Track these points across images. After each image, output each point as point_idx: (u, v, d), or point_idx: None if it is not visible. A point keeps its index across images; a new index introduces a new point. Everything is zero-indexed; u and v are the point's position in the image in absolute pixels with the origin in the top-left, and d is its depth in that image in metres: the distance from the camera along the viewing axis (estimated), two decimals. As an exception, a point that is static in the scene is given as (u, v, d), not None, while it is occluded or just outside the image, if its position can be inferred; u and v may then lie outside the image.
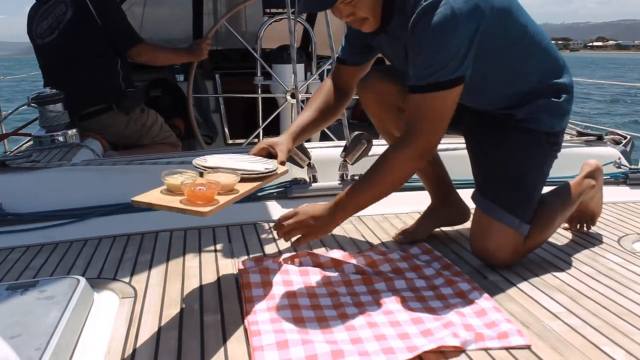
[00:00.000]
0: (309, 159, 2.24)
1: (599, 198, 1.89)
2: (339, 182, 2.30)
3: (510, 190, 1.58)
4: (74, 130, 2.78)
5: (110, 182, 2.27)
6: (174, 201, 1.25)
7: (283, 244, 1.79)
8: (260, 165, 1.51)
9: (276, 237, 1.84)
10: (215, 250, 1.75)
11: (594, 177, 1.82)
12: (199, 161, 1.47)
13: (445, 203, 1.90)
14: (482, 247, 1.60)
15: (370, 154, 2.28)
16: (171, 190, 1.32)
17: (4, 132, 3.58)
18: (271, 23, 3.44)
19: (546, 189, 2.33)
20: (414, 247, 1.75)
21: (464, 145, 2.31)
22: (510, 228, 1.56)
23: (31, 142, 2.92)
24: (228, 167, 1.44)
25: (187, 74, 3.44)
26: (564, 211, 1.72)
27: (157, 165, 2.31)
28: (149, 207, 1.28)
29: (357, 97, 3.47)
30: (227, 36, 5.28)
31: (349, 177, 2.31)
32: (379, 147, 2.35)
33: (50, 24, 3.03)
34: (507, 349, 1.17)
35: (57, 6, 3.04)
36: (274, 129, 3.63)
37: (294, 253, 1.67)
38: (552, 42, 1.71)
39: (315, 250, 1.70)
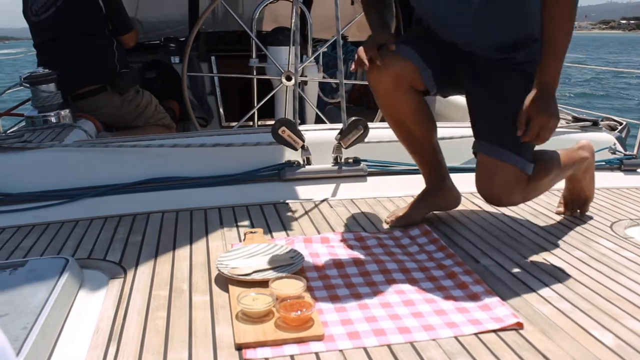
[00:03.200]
0: (303, 141, 2.23)
1: (590, 179, 1.92)
2: (333, 164, 2.29)
3: (515, 131, 1.61)
4: (67, 111, 2.75)
5: (103, 163, 2.25)
6: (279, 332, 1.15)
7: (275, 227, 1.78)
8: (282, 253, 1.49)
9: (268, 219, 1.84)
10: (207, 232, 1.74)
11: (587, 151, 1.88)
12: (230, 271, 1.39)
13: (439, 188, 1.89)
14: (490, 189, 1.67)
15: (365, 140, 2.28)
16: (249, 315, 1.20)
17: (-3, 112, 3.54)
18: (266, 5, 3.40)
19: None
20: (414, 228, 1.75)
21: (458, 133, 2.31)
22: (516, 167, 1.63)
23: (24, 123, 2.90)
24: (262, 266, 1.41)
25: (182, 55, 3.42)
26: (562, 165, 1.78)
27: (149, 148, 2.30)
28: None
29: (353, 82, 3.42)
30: (223, 18, 5.24)
31: (342, 160, 2.29)
32: (375, 130, 2.35)
33: (45, 1, 3.00)
34: (500, 331, 1.17)
35: None
36: (269, 111, 3.61)
37: (287, 238, 1.66)
38: (624, 21, 1.79)
39: (310, 235, 1.70)
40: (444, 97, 2.04)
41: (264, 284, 1.31)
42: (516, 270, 1.48)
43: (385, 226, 1.80)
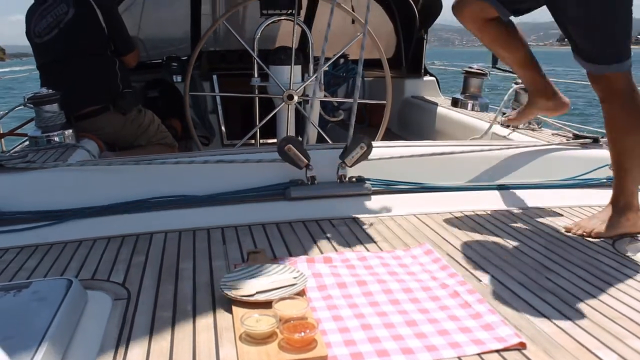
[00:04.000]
0: (308, 160, 2.24)
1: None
2: (337, 183, 2.30)
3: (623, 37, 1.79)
4: (70, 131, 2.78)
5: (106, 183, 2.26)
6: (283, 354, 1.15)
7: (278, 247, 1.79)
8: (285, 274, 1.49)
9: (270, 239, 1.85)
10: (210, 252, 1.75)
11: None
12: (233, 292, 1.39)
13: (545, 93, 2.23)
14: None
15: (369, 157, 2.29)
16: (253, 337, 1.21)
17: (1, 131, 3.58)
18: (268, 24, 3.44)
19: (545, 191, 2.36)
20: (416, 247, 1.76)
21: (459, 150, 2.38)
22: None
23: (27, 142, 2.92)
24: (265, 286, 1.41)
25: (185, 74, 3.45)
26: None
27: (152, 166, 2.31)
28: None
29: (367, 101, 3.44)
30: (225, 37, 5.29)
31: (346, 179, 2.30)
32: (378, 149, 2.37)
33: (49, 22, 3.04)
34: (503, 351, 1.17)
35: (58, 5, 3.05)
36: (270, 130, 3.63)
37: (290, 258, 1.67)
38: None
39: (313, 255, 1.71)
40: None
41: (267, 304, 1.31)
42: (518, 288, 1.48)
43: (387, 246, 1.81)
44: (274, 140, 3.65)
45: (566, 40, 1.93)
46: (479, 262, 1.65)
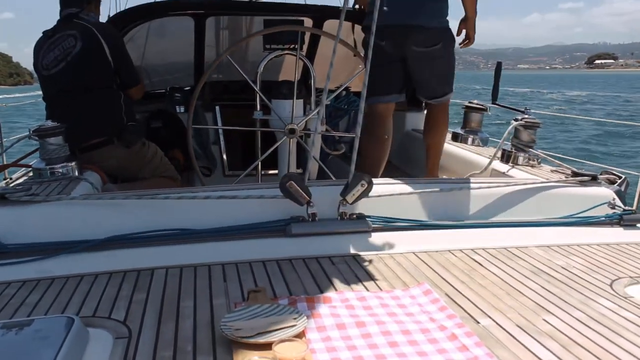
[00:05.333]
0: (309, 197, 2.26)
1: None
2: (337, 220, 2.32)
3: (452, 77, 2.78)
4: (74, 164, 2.80)
5: (108, 217, 2.29)
6: None
7: (278, 285, 1.80)
8: (285, 315, 1.51)
9: (271, 276, 1.86)
10: (210, 290, 1.76)
11: None
12: (234, 333, 1.40)
13: None
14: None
15: (370, 194, 2.31)
16: None
17: (5, 161, 3.61)
18: (271, 59, 3.49)
19: (543, 229, 2.38)
20: (415, 287, 1.77)
21: (458, 187, 2.43)
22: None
23: (31, 173, 2.94)
24: (265, 327, 1.42)
25: (188, 106, 3.49)
26: None
27: (155, 200, 2.33)
28: None
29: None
30: (228, 68, 5.35)
31: (347, 216, 2.32)
32: (378, 186, 2.39)
33: (56, 55, 3.09)
34: None
35: (66, 39, 3.11)
36: (272, 162, 3.66)
37: (290, 296, 1.68)
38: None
39: (313, 294, 1.72)
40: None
41: (267, 346, 1.32)
42: (516, 331, 1.49)
43: (387, 285, 1.82)
44: (275, 172, 3.68)
45: (594, 62, 2.13)
46: (478, 303, 1.67)
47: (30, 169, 2.98)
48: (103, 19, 3.65)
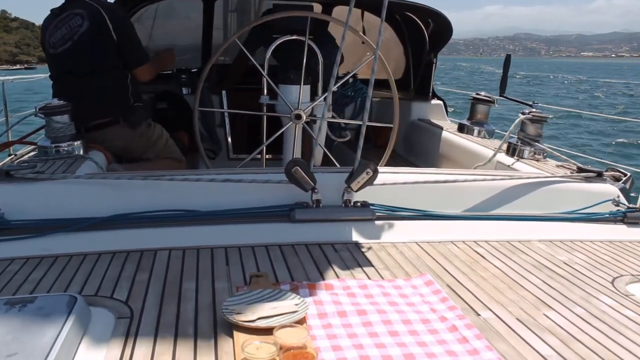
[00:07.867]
0: (314, 183, 2.26)
1: None
2: (342, 207, 2.32)
3: None
4: (79, 142, 2.81)
5: (113, 197, 2.29)
6: None
7: (281, 270, 1.80)
8: (287, 300, 1.51)
9: (273, 261, 1.86)
10: (213, 273, 1.76)
11: None
12: (235, 317, 1.41)
13: None
14: None
15: (374, 183, 2.31)
16: None
17: (10, 138, 3.61)
18: (278, 43, 3.47)
19: (547, 224, 2.37)
20: (417, 277, 1.77)
21: (462, 178, 2.42)
22: None
23: (36, 151, 2.95)
24: (267, 312, 1.43)
25: (194, 88, 3.48)
26: None
27: (160, 181, 2.34)
28: None
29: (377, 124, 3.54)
30: (235, 51, 5.33)
31: (351, 204, 2.32)
32: (383, 174, 2.39)
33: (64, 34, 3.08)
34: None
35: (73, 18, 3.09)
36: (277, 146, 3.66)
37: (292, 282, 1.69)
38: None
39: (315, 281, 1.72)
40: None
41: (268, 331, 1.33)
42: (516, 325, 1.49)
43: (389, 274, 1.82)
44: (280, 157, 3.68)
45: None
46: (479, 295, 1.67)
47: (35, 146, 2.99)
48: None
